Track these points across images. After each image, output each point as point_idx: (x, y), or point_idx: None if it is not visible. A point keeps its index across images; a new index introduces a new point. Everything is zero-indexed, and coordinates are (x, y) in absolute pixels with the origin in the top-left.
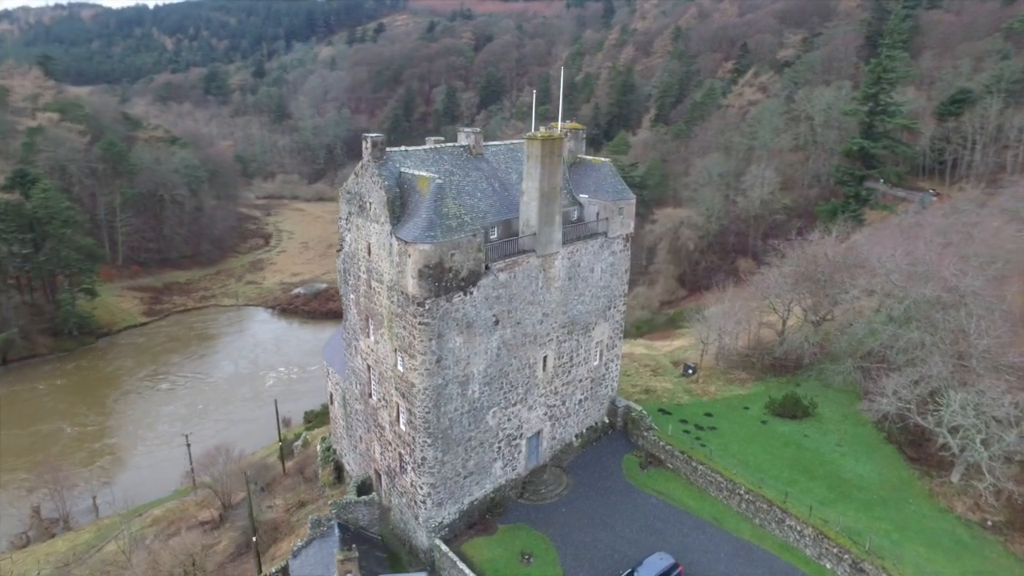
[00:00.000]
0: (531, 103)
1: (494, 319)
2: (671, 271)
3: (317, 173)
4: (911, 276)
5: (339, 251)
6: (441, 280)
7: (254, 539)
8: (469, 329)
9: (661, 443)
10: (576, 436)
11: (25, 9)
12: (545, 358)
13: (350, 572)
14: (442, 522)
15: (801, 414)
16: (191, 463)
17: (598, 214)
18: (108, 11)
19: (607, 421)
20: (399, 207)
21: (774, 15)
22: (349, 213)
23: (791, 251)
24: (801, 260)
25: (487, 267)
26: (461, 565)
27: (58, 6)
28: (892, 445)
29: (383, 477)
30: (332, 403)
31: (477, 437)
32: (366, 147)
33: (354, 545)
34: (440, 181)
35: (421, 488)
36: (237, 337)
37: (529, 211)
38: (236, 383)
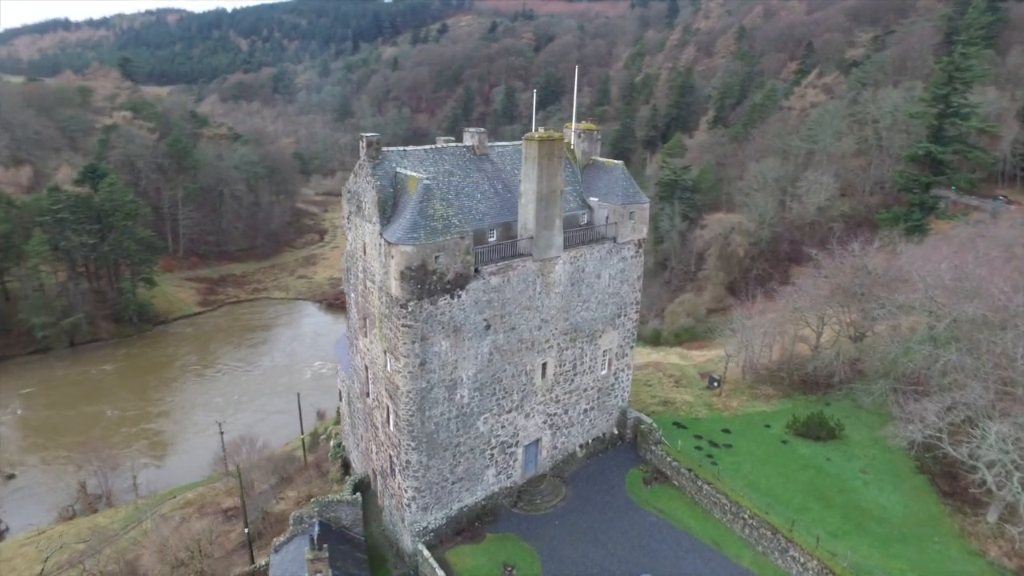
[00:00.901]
0: (590, 103)
1: (485, 324)
2: (720, 278)
3: None
4: (956, 293)
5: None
6: (424, 282)
7: (246, 530)
8: (457, 333)
9: (668, 459)
10: (580, 447)
11: (120, 16)
12: (544, 365)
13: (320, 572)
14: (427, 527)
15: (826, 436)
16: (224, 451)
17: (607, 218)
18: (191, 15)
19: (616, 432)
20: (391, 207)
21: (845, 12)
22: (349, 212)
23: (829, 261)
24: (838, 271)
25: (477, 270)
26: (440, 573)
27: (148, 12)
28: (924, 476)
29: (378, 477)
30: (341, 400)
31: (467, 443)
32: (362, 146)
33: (325, 545)
34: (428, 182)
35: (406, 492)
36: (282, 330)
37: (527, 214)
38: (275, 375)
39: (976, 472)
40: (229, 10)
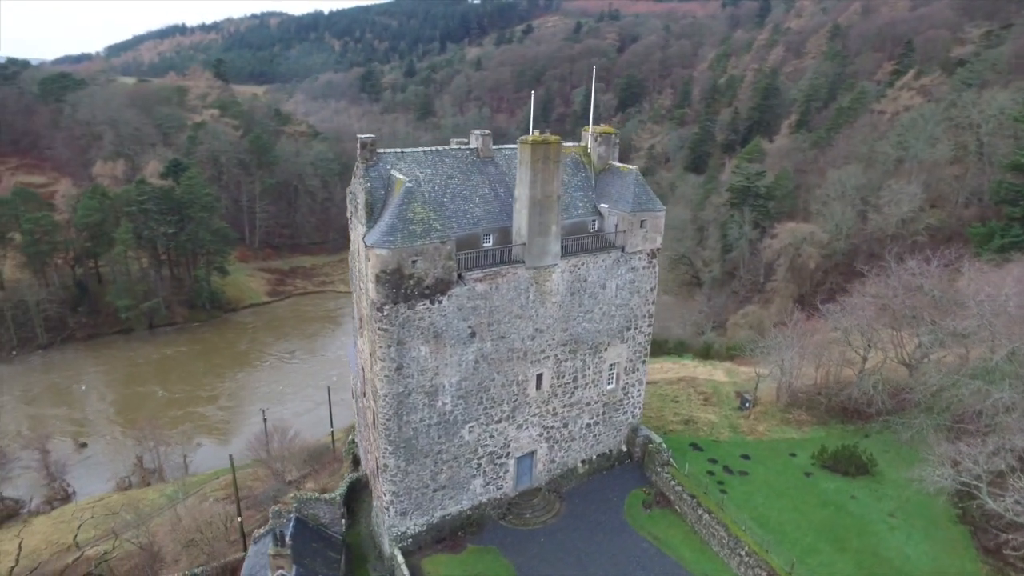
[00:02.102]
0: (670, 106)
1: (470, 331)
2: (789, 291)
3: None
4: (1021, 322)
5: None
6: (400, 287)
7: (239, 519)
8: (437, 339)
9: (672, 482)
10: (583, 462)
11: (229, 20)
12: (539, 376)
13: (281, 568)
14: (406, 532)
15: (856, 471)
16: (265, 437)
17: (617, 226)
18: (291, 18)
19: (625, 450)
20: (379, 210)
21: (953, 7)
22: (350, 213)
23: (880, 278)
24: (887, 289)
25: (460, 276)
26: None
27: (253, 16)
28: (966, 526)
29: (371, 477)
30: (353, 397)
31: (450, 451)
32: (359, 148)
33: (290, 541)
34: (410, 184)
35: (384, 495)
36: (340, 323)
37: (520, 220)
38: (326, 367)
39: (1019, 531)
40: (326, 12)
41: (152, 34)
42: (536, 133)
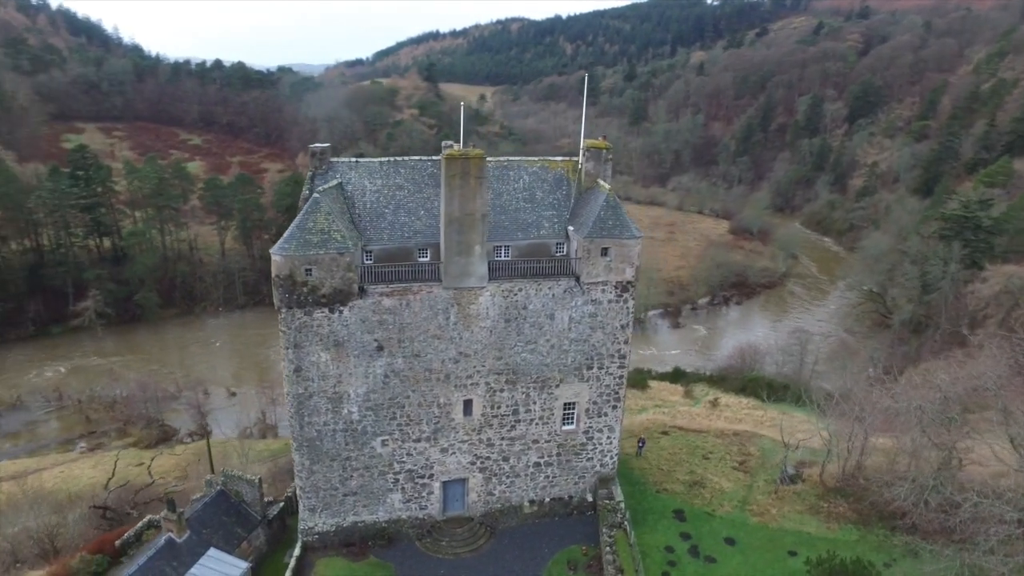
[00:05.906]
0: (909, 116)
1: (376, 345)
2: (1000, 349)
3: (661, 177)
4: None
5: None
6: (293, 293)
7: (208, 478)
8: (339, 348)
9: (608, 548)
10: (531, 502)
11: (477, 26)
12: (468, 402)
13: (171, 532)
14: (313, 528)
15: None
16: None
17: (576, 251)
18: (531, 23)
19: (590, 500)
20: None
21: None
22: None
23: (987, 349)
24: (987, 361)
25: (363, 289)
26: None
27: (497, 22)
28: None
29: None
30: None
31: (360, 460)
32: (309, 156)
33: (180, 510)
34: (317, 195)
35: (296, 488)
36: None
37: (441, 237)
38: None
39: None
40: (564, 17)
41: (412, 40)
42: (456, 147)
